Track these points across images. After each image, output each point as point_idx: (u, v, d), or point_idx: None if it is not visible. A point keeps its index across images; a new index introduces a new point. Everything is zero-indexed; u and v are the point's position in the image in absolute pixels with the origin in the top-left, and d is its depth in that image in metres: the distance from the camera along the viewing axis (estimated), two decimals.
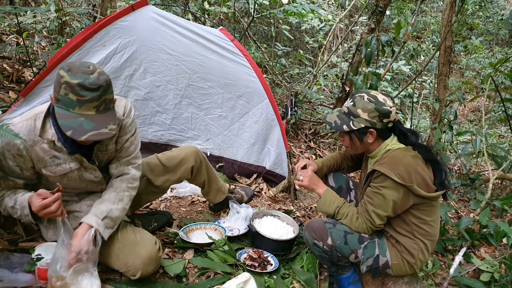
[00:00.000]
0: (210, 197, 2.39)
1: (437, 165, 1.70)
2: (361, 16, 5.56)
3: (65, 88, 1.36)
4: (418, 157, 1.68)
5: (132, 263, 1.61)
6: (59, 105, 1.39)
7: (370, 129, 1.73)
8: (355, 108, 1.73)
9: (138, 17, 2.67)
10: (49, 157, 1.54)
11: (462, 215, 3.40)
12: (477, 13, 9.36)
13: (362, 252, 1.74)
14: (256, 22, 6.43)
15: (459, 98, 3.57)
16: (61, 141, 1.53)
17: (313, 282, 1.93)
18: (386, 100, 1.71)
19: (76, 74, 1.36)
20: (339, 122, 1.77)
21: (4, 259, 1.60)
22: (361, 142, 1.78)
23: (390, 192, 1.62)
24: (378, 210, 1.67)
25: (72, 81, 1.35)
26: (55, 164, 1.56)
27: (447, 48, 4.24)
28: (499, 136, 6.66)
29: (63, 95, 1.37)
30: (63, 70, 1.38)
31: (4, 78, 3.61)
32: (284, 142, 3.01)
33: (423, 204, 1.69)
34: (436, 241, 1.82)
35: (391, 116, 1.71)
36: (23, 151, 1.50)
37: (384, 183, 1.63)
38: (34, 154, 1.52)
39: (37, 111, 1.54)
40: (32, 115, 1.53)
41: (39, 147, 1.52)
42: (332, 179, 2.16)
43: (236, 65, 2.90)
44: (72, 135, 1.36)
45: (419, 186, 1.61)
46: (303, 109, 4.59)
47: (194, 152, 2.14)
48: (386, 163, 1.66)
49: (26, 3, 5.22)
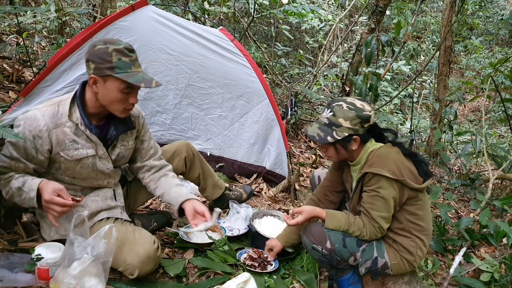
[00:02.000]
0: (207, 194, 2.38)
1: (415, 157, 1.73)
2: (361, 16, 5.56)
3: (116, 54, 1.53)
4: (400, 152, 1.72)
5: (130, 261, 1.61)
6: (116, 71, 1.53)
7: (354, 136, 1.72)
8: (335, 118, 1.71)
9: (138, 17, 2.67)
10: (69, 141, 1.62)
11: (462, 215, 3.40)
12: (477, 13, 9.36)
13: (360, 255, 1.74)
14: (256, 22, 6.43)
15: (459, 98, 3.57)
16: (85, 123, 1.62)
17: (313, 282, 1.93)
18: (364, 105, 1.72)
19: (114, 43, 1.55)
20: (323, 135, 1.73)
21: (4, 259, 1.60)
22: (346, 150, 1.77)
23: (388, 191, 1.63)
24: (382, 213, 1.67)
25: (119, 47, 1.54)
26: (74, 148, 1.63)
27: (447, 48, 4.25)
28: (499, 136, 6.66)
29: (117, 60, 1.53)
30: (101, 44, 1.54)
31: (4, 78, 3.61)
32: (284, 142, 3.01)
33: (415, 199, 1.70)
34: (431, 235, 1.83)
35: (370, 120, 1.73)
36: (45, 132, 1.56)
37: (379, 183, 1.64)
38: (55, 137, 1.59)
39: (59, 99, 1.65)
40: (54, 102, 1.63)
41: (60, 130, 1.60)
42: None
43: (236, 65, 2.90)
44: (146, 85, 1.55)
45: (409, 179, 1.64)
46: (303, 109, 4.59)
47: (185, 144, 2.20)
48: (375, 163, 1.67)
49: (26, 3, 5.21)
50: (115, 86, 1.55)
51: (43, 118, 1.56)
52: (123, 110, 1.63)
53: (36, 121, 1.55)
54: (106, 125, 1.73)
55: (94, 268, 1.49)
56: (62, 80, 2.55)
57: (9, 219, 1.86)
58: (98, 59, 1.52)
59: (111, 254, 1.53)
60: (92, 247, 1.49)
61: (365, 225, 1.72)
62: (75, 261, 1.47)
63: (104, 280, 1.52)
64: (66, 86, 2.55)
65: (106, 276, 1.53)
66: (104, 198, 1.76)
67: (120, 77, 1.53)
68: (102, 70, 1.52)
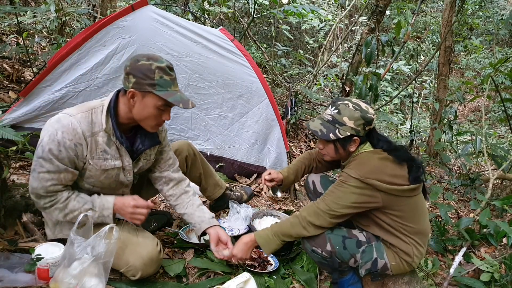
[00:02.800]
0: (208, 193, 2.39)
1: (413, 161, 1.69)
2: (361, 16, 5.56)
3: (159, 72, 1.52)
4: (387, 159, 1.68)
5: (132, 263, 1.61)
6: (157, 89, 1.53)
7: (354, 137, 1.72)
8: (340, 116, 1.70)
9: (138, 17, 2.67)
10: (100, 151, 1.61)
11: (462, 215, 3.40)
12: (477, 13, 9.37)
13: (360, 256, 1.74)
14: (256, 22, 6.44)
15: (459, 98, 3.57)
16: (116, 135, 1.62)
17: (313, 282, 1.93)
18: (368, 108, 1.72)
19: (157, 60, 1.54)
20: (325, 131, 1.73)
21: (4, 259, 1.60)
22: (344, 150, 1.76)
23: (351, 187, 1.62)
24: (336, 200, 1.65)
25: (162, 65, 1.54)
26: (103, 159, 1.62)
27: (447, 48, 4.25)
28: (499, 136, 6.67)
29: (159, 78, 1.53)
30: (144, 60, 1.52)
31: (4, 78, 3.61)
32: (284, 142, 3.01)
33: (398, 201, 1.67)
34: (427, 234, 1.81)
35: (372, 123, 1.72)
36: (84, 140, 1.55)
37: (346, 180, 1.64)
38: (90, 145, 1.58)
39: (91, 105, 1.62)
40: (87, 108, 1.60)
41: (94, 139, 1.58)
42: (320, 185, 2.16)
43: (236, 65, 2.90)
44: (184, 106, 1.56)
45: (384, 182, 1.61)
46: (303, 109, 4.59)
47: (186, 144, 2.21)
48: (352, 164, 1.69)
49: (26, 3, 5.22)
50: (153, 102, 1.55)
51: (80, 126, 1.53)
52: (155, 126, 1.64)
53: (75, 129, 1.52)
54: (133, 137, 1.73)
55: (95, 269, 1.48)
56: (62, 80, 2.55)
57: (9, 219, 1.85)
58: (141, 74, 1.51)
59: (112, 254, 1.53)
60: (93, 247, 1.49)
61: (306, 209, 1.71)
62: (75, 261, 1.47)
63: (105, 281, 1.52)
64: (66, 86, 2.55)
65: (106, 277, 1.53)
66: None
67: (160, 95, 1.53)
68: (143, 85, 1.52)
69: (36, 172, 1.51)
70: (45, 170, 1.50)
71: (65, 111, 1.57)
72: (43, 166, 1.50)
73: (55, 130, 1.50)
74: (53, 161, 1.50)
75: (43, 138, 1.51)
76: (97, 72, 2.62)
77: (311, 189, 2.20)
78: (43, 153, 1.49)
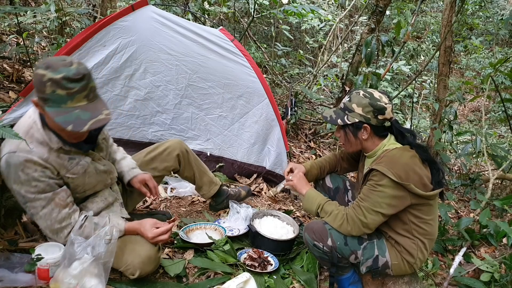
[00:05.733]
0: (204, 191, 2.39)
1: (434, 164, 1.71)
2: (361, 16, 5.56)
3: (51, 86, 1.34)
4: (415, 157, 1.69)
5: (131, 262, 1.61)
6: (49, 104, 1.36)
7: (364, 125, 1.74)
8: (350, 103, 1.77)
9: (138, 17, 2.67)
10: (67, 161, 1.56)
11: (462, 215, 3.40)
12: (477, 13, 9.36)
13: (361, 253, 1.74)
14: (256, 22, 6.43)
15: (459, 98, 3.57)
16: (68, 144, 1.54)
17: (313, 282, 1.93)
18: (382, 97, 1.74)
19: (57, 69, 1.34)
20: (334, 117, 1.81)
21: (4, 259, 1.60)
22: (355, 138, 1.79)
23: (387, 190, 1.62)
24: (372, 206, 1.66)
25: (56, 76, 1.33)
26: (76, 164, 1.58)
27: (447, 48, 4.24)
28: (499, 136, 6.66)
29: (51, 93, 1.35)
30: (41, 68, 1.35)
31: (4, 78, 3.61)
32: (284, 142, 3.01)
33: (421, 204, 1.68)
34: (435, 240, 1.82)
35: (386, 113, 1.72)
36: (44, 163, 1.47)
37: (381, 182, 1.63)
38: (54, 163, 1.51)
39: (25, 128, 1.48)
40: (24, 131, 1.47)
41: (53, 156, 1.51)
42: (330, 180, 2.17)
43: (236, 65, 2.90)
44: (73, 129, 1.35)
45: (416, 185, 1.61)
46: (303, 109, 4.59)
47: (178, 142, 2.22)
48: (384, 162, 1.67)
49: (26, 3, 5.22)
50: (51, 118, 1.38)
51: (34, 155, 1.44)
52: (72, 139, 1.53)
53: (31, 162, 1.43)
54: None
55: (95, 269, 1.49)
56: None
57: (9, 219, 1.86)
58: (36, 84, 1.36)
59: (112, 254, 1.53)
60: (93, 247, 1.49)
61: (349, 214, 1.70)
62: (75, 261, 1.47)
63: (105, 281, 1.52)
64: None
65: (106, 277, 1.53)
66: (104, 198, 1.76)
67: (49, 112, 1.36)
68: (39, 98, 1.39)
69: (36, 214, 1.52)
70: (40, 208, 1.50)
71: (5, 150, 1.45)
72: (35, 207, 1.49)
73: (16, 173, 1.42)
74: (39, 196, 1.47)
75: (13, 187, 1.46)
76: (97, 72, 2.62)
77: (319, 183, 2.21)
78: (25, 197, 1.47)
